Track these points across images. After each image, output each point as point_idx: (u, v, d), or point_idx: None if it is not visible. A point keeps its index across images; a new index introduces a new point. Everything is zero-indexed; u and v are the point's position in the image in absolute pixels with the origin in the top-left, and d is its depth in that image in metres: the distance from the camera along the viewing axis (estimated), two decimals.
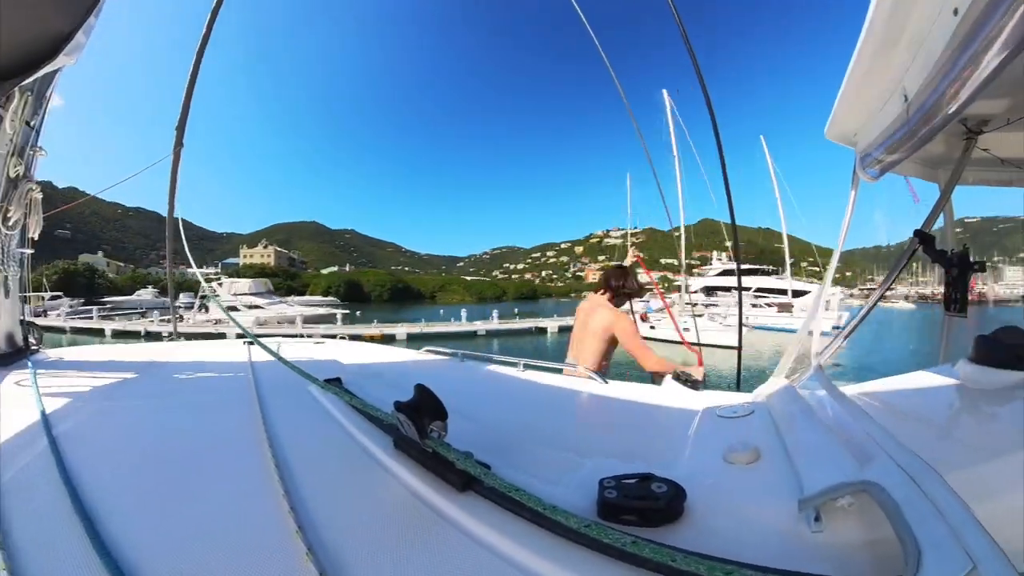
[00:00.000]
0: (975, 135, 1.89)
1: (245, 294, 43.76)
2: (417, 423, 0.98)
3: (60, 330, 36.44)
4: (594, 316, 3.33)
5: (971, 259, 1.95)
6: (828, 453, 1.10)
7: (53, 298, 56.68)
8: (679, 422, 1.59)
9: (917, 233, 2.03)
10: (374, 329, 31.57)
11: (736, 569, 0.67)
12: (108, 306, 58.89)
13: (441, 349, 2.80)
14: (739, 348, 4.34)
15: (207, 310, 38.78)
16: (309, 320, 36.84)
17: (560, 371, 2.54)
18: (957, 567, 0.61)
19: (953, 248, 2.10)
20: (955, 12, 1.03)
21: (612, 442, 1.53)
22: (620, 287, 3.42)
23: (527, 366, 2.38)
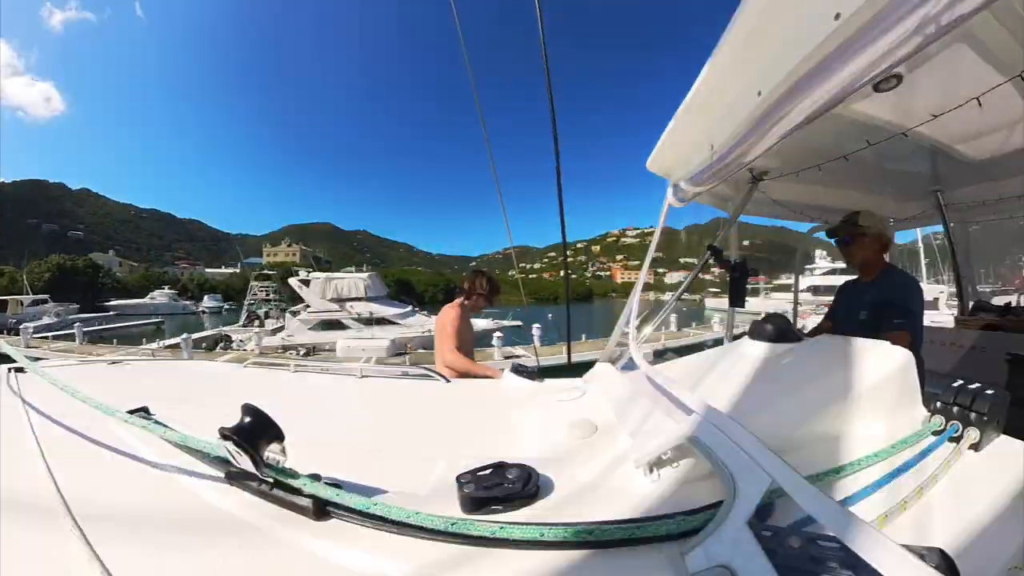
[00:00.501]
0: (757, 181, 2.59)
1: (357, 299, 22.21)
2: (250, 450, 0.86)
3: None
4: (440, 319, 3.52)
5: (747, 266, 2.75)
6: (651, 419, 1.30)
7: (34, 303, 39.05)
8: (521, 411, 1.70)
9: (709, 247, 2.73)
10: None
11: (596, 527, 0.78)
12: (113, 312, 45.41)
13: (268, 360, 2.58)
14: (567, 335, 4.30)
15: (260, 322, 25.12)
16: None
17: (403, 376, 2.46)
18: (761, 482, 0.82)
19: (735, 259, 2.87)
20: (759, 94, 1.43)
21: (461, 439, 1.54)
22: (472, 288, 3.57)
23: (365, 374, 2.34)
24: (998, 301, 3.91)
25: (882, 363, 1.31)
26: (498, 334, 16.49)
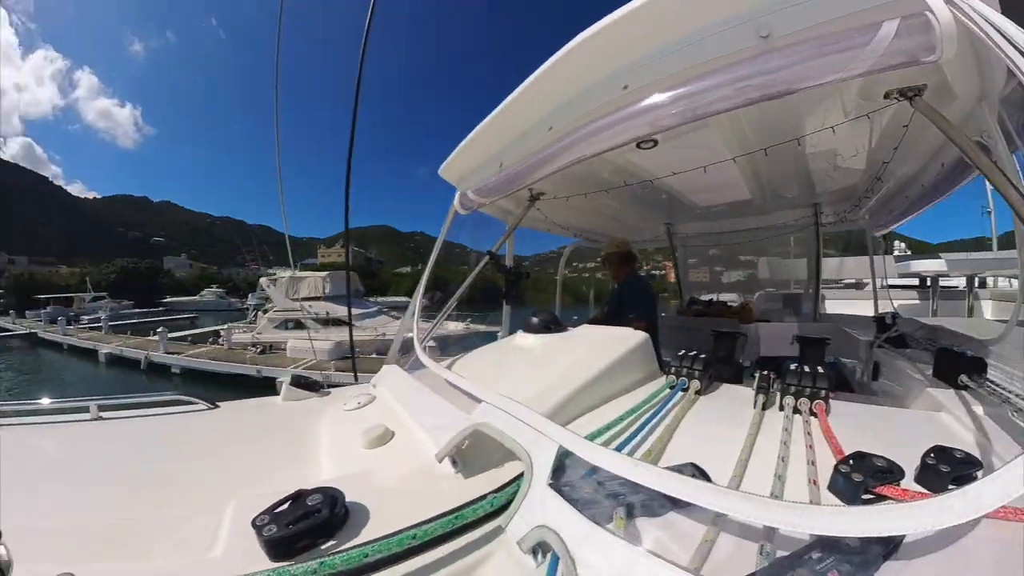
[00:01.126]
0: (535, 199, 2.90)
1: (315, 298, 20.81)
2: None
3: (57, 346, 24.91)
4: None
5: (521, 271, 3.01)
6: (443, 413, 1.36)
7: (95, 299, 46.15)
8: (308, 428, 1.54)
9: (488, 252, 2.93)
10: None
11: (418, 529, 0.77)
12: (162, 308, 53.55)
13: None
14: (351, 335, 4.17)
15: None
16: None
17: (153, 405, 1.89)
18: (551, 449, 0.94)
19: (511, 265, 3.19)
20: (550, 128, 1.67)
21: (245, 475, 1.28)
22: None
23: (103, 408, 1.70)
24: (704, 298, 5.21)
25: (626, 342, 1.68)
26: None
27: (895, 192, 2.92)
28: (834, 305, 5.45)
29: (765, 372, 1.44)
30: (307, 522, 0.79)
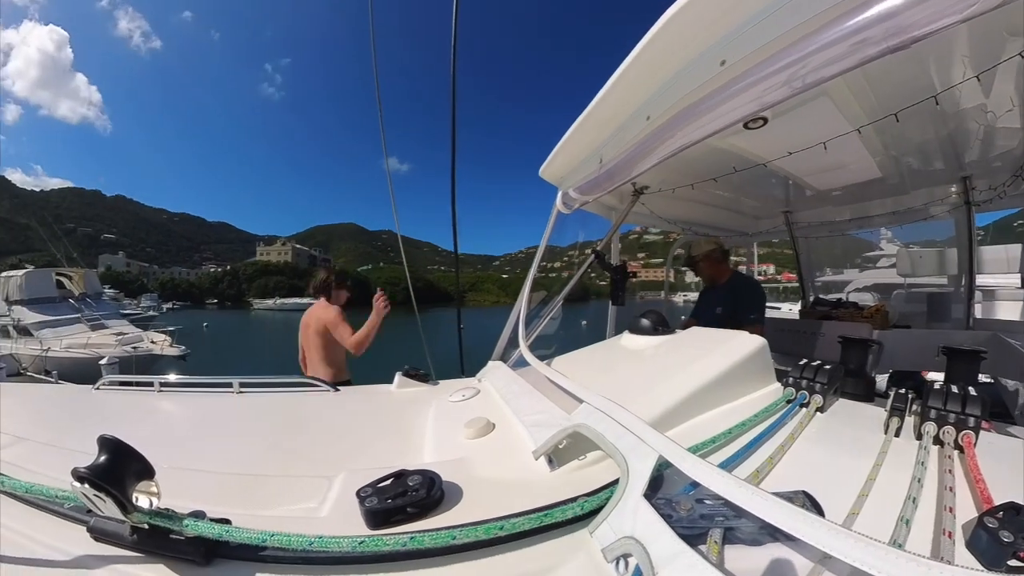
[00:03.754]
0: (639, 194, 2.82)
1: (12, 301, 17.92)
2: (115, 493, 0.70)
3: None
4: (312, 319, 3.63)
5: (627, 270, 2.95)
6: (544, 411, 1.37)
7: None
8: (416, 415, 1.65)
9: (593, 251, 2.91)
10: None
11: (505, 521, 0.79)
12: None
13: (125, 376, 2.20)
14: (459, 333, 4.37)
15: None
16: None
17: (285, 386, 2.22)
18: (650, 458, 0.90)
19: (616, 262, 3.12)
20: (647, 118, 1.59)
21: (356, 451, 1.45)
22: (325, 284, 3.80)
23: (244, 386, 2.06)
24: (831, 298, 4.77)
25: (742, 348, 1.52)
26: None
27: None
28: (997, 308, 4.56)
29: (902, 390, 1.23)
30: (404, 499, 0.87)
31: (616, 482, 0.90)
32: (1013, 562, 0.65)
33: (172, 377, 2.11)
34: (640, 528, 0.76)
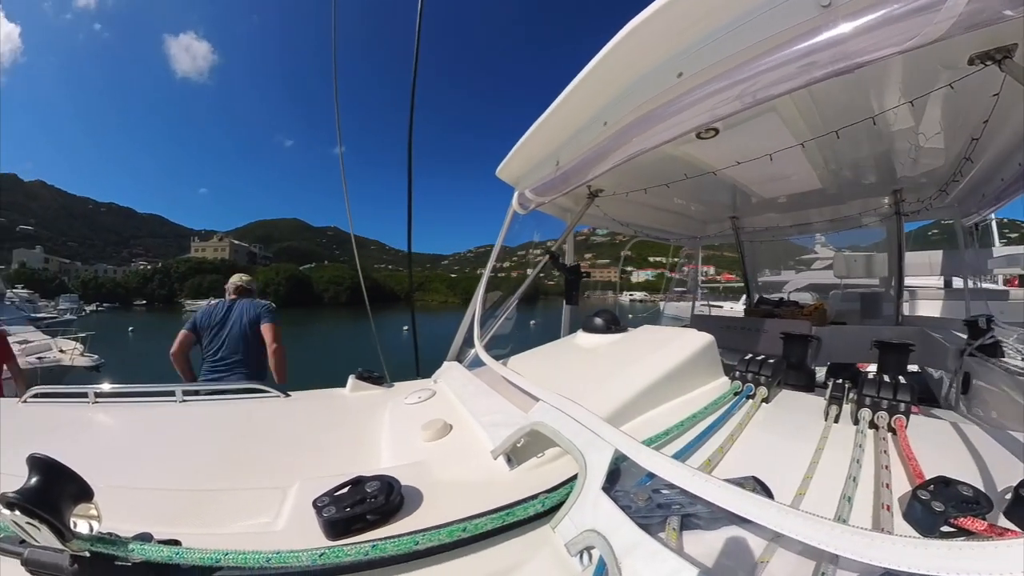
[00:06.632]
0: (594, 196, 2.88)
1: None
2: (50, 519, 0.63)
3: None
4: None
5: (580, 270, 2.99)
6: (501, 410, 1.38)
7: None
8: (371, 419, 1.62)
9: (548, 251, 2.93)
10: None
11: (468, 522, 0.80)
12: None
13: (55, 388, 2.00)
14: (414, 333, 4.22)
15: None
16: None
17: (231, 392, 2.11)
18: (606, 452, 0.92)
19: (569, 264, 3.15)
20: (604, 123, 1.63)
21: (311, 459, 1.40)
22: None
23: (187, 394, 1.96)
24: (773, 297, 5.04)
25: (691, 344, 1.59)
26: None
27: (987, 174, 2.64)
28: (922, 306, 4.99)
29: (839, 380, 1.34)
30: (363, 506, 0.84)
31: (575, 477, 0.92)
32: (945, 528, 0.72)
33: (107, 386, 1.93)
34: (601, 520, 0.78)
